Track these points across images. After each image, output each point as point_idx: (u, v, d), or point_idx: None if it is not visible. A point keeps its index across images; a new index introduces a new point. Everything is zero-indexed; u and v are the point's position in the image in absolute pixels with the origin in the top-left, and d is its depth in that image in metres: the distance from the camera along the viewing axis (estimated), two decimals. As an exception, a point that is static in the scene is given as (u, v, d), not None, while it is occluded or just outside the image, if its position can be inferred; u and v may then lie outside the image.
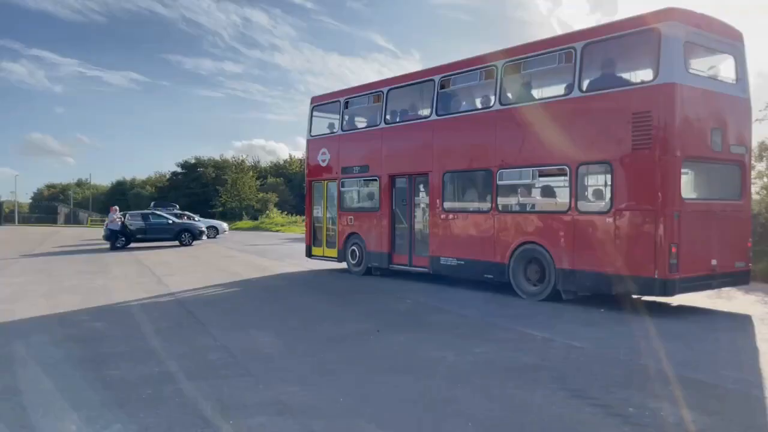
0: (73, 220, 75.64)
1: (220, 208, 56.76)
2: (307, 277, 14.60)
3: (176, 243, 26.37)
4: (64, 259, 20.29)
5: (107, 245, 25.58)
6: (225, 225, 34.82)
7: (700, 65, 9.99)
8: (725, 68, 9.95)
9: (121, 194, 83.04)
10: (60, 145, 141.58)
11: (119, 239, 25.13)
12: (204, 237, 27.49)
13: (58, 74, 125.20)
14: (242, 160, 70.52)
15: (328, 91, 15.71)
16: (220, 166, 69.69)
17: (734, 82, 9.88)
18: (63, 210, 79.00)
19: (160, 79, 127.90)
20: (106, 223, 26.45)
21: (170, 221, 26.67)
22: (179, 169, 74.07)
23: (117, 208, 26.44)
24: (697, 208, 9.22)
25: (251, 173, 62.45)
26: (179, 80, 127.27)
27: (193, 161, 73.14)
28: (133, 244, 25.91)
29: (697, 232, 9.01)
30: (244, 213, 53.80)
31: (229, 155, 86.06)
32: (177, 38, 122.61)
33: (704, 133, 9.20)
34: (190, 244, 26.30)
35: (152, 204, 35.06)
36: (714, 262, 9.26)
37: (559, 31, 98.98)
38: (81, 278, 14.36)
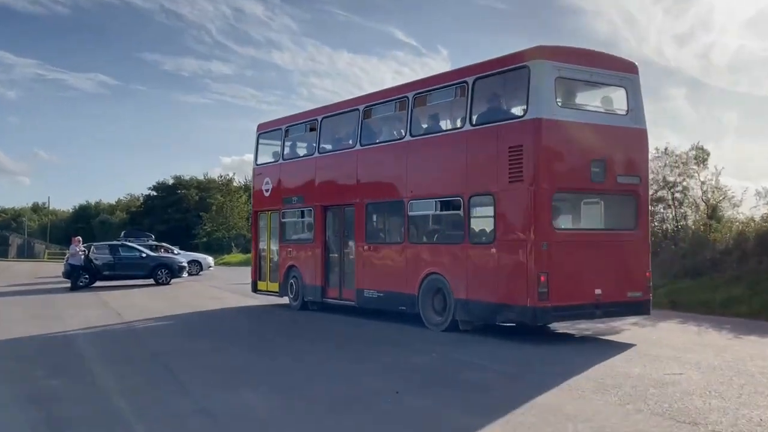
0: (27, 252, 74.15)
1: (204, 239, 57.18)
2: (307, 321, 14.97)
3: (151, 281, 26.63)
4: (14, 302, 20.17)
5: (68, 283, 25.53)
6: (210, 259, 35.46)
7: (589, 98, 12.15)
8: (618, 100, 12.05)
9: (86, 221, 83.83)
10: (12, 162, 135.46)
11: (82, 276, 25.32)
12: (184, 274, 27.78)
13: (12, 77, 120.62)
14: (230, 180, 70.72)
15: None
16: (205, 188, 70.14)
17: (625, 113, 11.95)
18: (15, 240, 76.34)
19: (134, 83, 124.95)
20: (66, 256, 26.80)
21: (144, 255, 27.05)
22: (155, 192, 74.76)
23: (80, 238, 26.72)
24: (573, 238, 11.23)
25: (242, 196, 60.37)
26: (157, 83, 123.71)
27: (171, 182, 73.87)
28: (98, 283, 25.99)
29: (574, 262, 10.97)
30: (233, 244, 53.56)
31: (215, 174, 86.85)
32: (155, 33, 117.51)
33: (582, 165, 11.23)
34: (167, 283, 26.56)
35: (122, 234, 35.11)
36: (598, 291, 11.19)
37: (618, 23, 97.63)
38: (34, 325, 14.40)
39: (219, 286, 25.68)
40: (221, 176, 74.17)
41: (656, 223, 21.96)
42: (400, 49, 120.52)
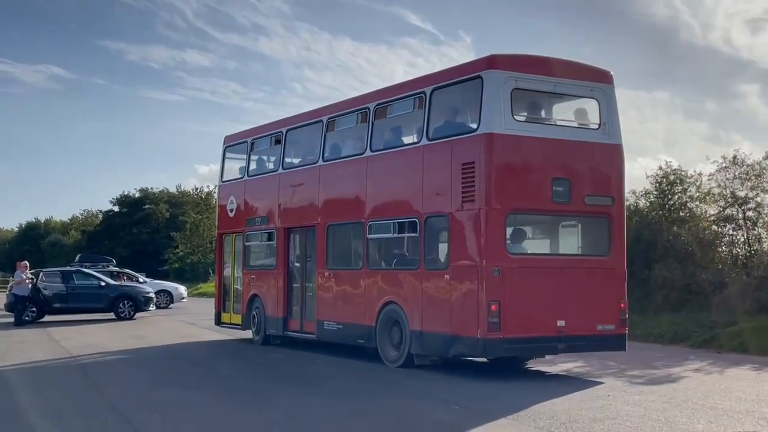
0: (-37, 281, 72.87)
1: (176, 264, 57.13)
2: (280, 360, 15.53)
3: (111, 315, 26.69)
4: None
5: (11, 318, 25.23)
6: (182, 289, 35.98)
7: (560, 111, 13.21)
8: (590, 112, 13.05)
9: (34, 243, 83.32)
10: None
11: (29, 309, 25.22)
12: (152, 306, 27.85)
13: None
14: (208, 194, 69.26)
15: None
16: (177, 202, 69.83)
17: (597, 127, 12.94)
18: (-51, 266, 75.53)
19: (93, 76, 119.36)
20: (10, 285, 27.86)
21: (103, 284, 27.01)
22: (117, 207, 74.29)
23: (27, 263, 26.50)
24: (532, 263, 12.22)
25: None
26: (120, 77, 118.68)
27: (137, 195, 73.18)
28: (48, 317, 25.91)
29: (533, 290, 11.94)
30: (210, 271, 51.08)
31: (189, 186, 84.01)
32: (118, 17, 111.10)
33: (542, 184, 12.23)
34: (131, 317, 26.64)
35: (77, 258, 35.03)
36: (561, 323, 12.14)
37: (679, 6, 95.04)
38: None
39: (193, 321, 25.89)
40: (197, 189, 72.49)
41: (724, 248, 22.04)
42: (414, 35, 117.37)
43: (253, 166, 19.25)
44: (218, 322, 20.42)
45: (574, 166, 12.60)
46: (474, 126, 12.34)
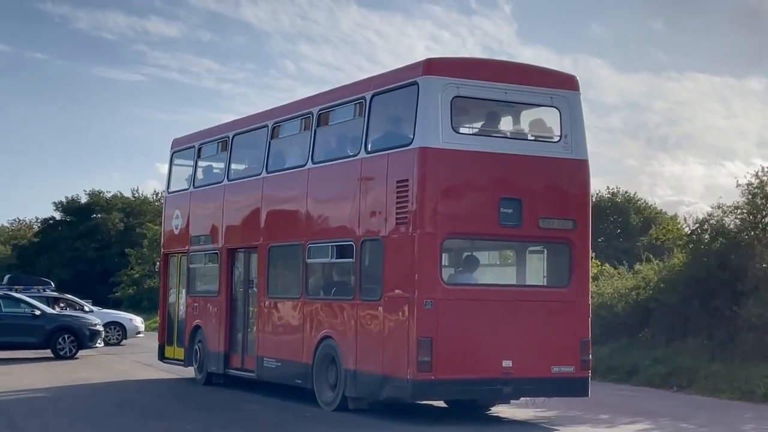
0: None
1: (131, 289, 56.81)
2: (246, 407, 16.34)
3: (48, 352, 26.73)
4: None
5: None
6: (138, 321, 35.75)
7: (518, 122, 14.44)
8: (551, 123, 14.25)
9: None
10: None
11: None
12: (99, 342, 27.84)
13: None
14: None
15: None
16: (135, 210, 68.95)
17: (557, 139, 14.13)
18: None
19: (32, 49, 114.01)
20: None
21: (38, 312, 26.98)
22: (58, 214, 72.38)
23: None
24: (474, 295, 13.42)
25: None
26: (65, 51, 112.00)
27: (84, 200, 71.24)
28: None
29: (474, 325, 13.11)
30: None
31: (149, 189, 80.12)
32: None
33: (487, 205, 13.42)
34: (72, 356, 26.63)
35: (5, 279, 34.05)
36: (508, 363, 13.30)
37: None
38: None
39: (150, 362, 25.17)
40: (157, 193, 68.78)
41: None
42: (438, 2, 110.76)
43: (199, 175, 20.68)
44: (161, 356, 21.75)
45: (527, 184, 13.74)
46: (409, 138, 13.57)
